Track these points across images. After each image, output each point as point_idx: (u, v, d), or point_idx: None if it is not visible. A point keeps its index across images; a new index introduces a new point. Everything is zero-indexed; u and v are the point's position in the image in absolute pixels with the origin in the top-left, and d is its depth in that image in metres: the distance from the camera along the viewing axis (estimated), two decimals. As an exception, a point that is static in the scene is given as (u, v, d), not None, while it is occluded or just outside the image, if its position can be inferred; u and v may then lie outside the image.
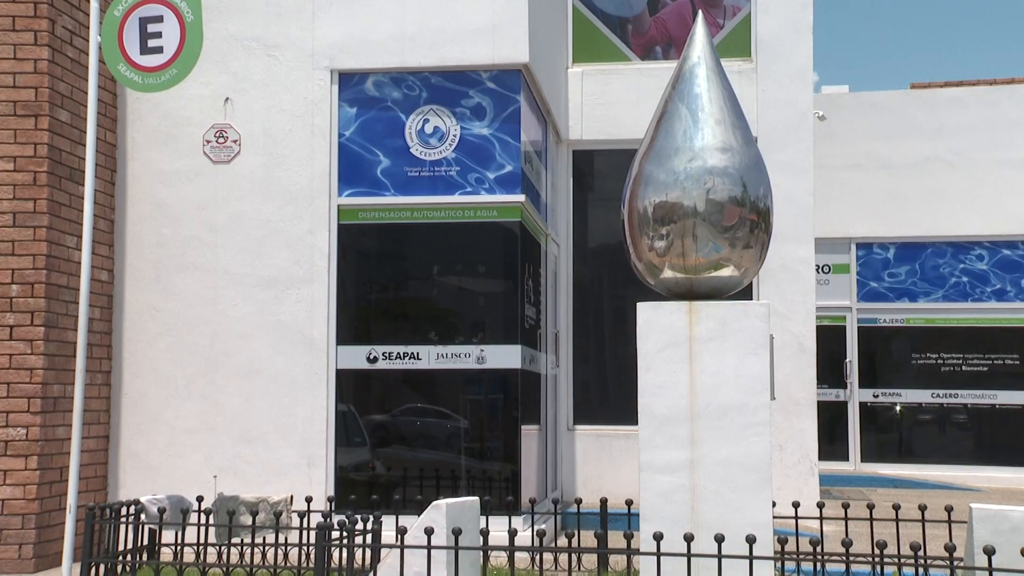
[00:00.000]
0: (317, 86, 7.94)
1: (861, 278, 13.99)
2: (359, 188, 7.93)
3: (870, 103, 13.85)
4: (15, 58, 7.13)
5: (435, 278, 8.00)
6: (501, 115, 7.87)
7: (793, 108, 9.60)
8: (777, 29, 9.71)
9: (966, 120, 13.55)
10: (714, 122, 5.03)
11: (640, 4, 10.04)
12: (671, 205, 4.89)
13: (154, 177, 8.02)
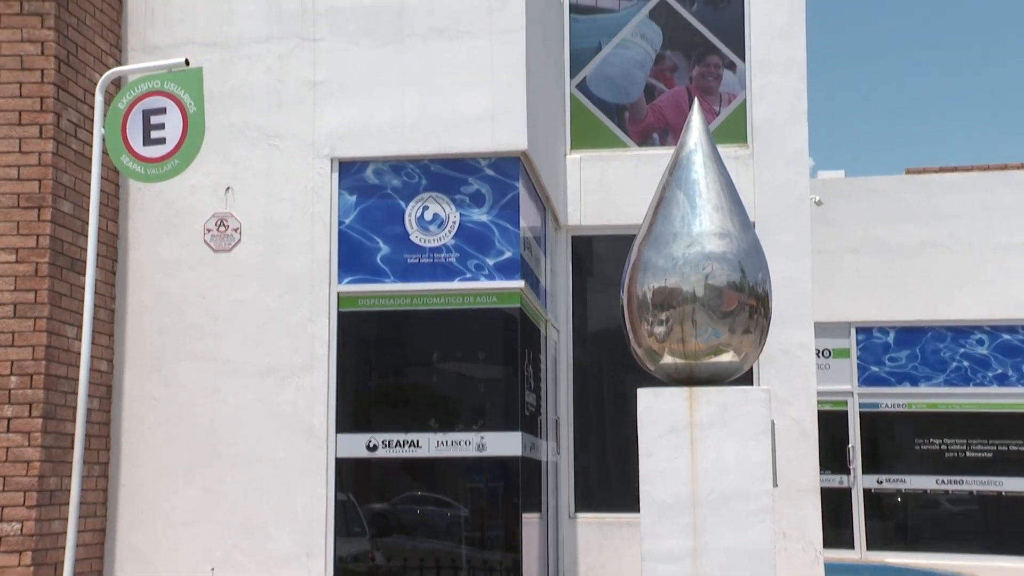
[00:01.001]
0: (317, 174, 8.00)
1: (862, 362, 13.97)
2: (359, 275, 7.95)
3: (866, 188, 13.97)
4: (20, 151, 7.20)
5: (435, 365, 7.98)
6: (500, 202, 7.93)
7: (790, 193, 9.67)
8: (772, 115, 9.82)
9: (962, 205, 13.65)
10: (712, 208, 5.07)
11: (637, 91, 10.17)
12: (670, 291, 4.91)
13: (155, 266, 8.05)
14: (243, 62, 8.12)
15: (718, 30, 10.09)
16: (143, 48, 8.12)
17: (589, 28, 10.24)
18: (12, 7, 7.26)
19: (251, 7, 8.13)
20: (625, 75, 10.18)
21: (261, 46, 8.11)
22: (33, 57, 7.24)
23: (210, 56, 8.03)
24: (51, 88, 7.22)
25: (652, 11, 10.18)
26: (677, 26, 10.14)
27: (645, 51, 10.17)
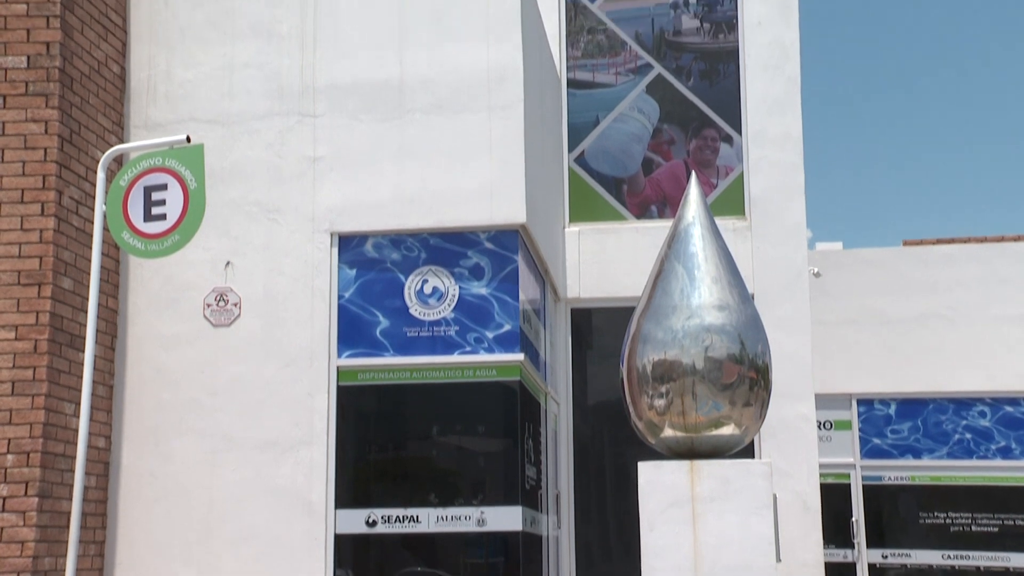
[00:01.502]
0: (317, 249, 8.03)
1: (863, 435, 13.89)
2: (358, 349, 7.94)
3: (864, 260, 14.01)
4: (21, 228, 7.23)
5: (434, 438, 7.94)
6: (499, 275, 7.95)
7: (788, 265, 9.70)
8: (770, 188, 9.89)
9: (960, 277, 13.68)
10: (711, 280, 5.08)
11: (635, 165, 10.25)
12: (670, 363, 4.90)
13: (154, 341, 8.04)
14: (244, 138, 8.19)
15: (714, 104, 10.20)
16: (145, 125, 8.20)
17: (587, 103, 10.36)
18: (18, 88, 7.34)
19: (252, 84, 8.23)
20: (623, 149, 10.26)
21: (262, 122, 8.19)
22: (37, 136, 7.30)
23: (211, 132, 8.11)
24: (53, 166, 7.28)
25: (649, 86, 10.29)
26: (674, 100, 10.26)
27: (642, 125, 10.27)
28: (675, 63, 10.31)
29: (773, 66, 10.05)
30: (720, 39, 10.28)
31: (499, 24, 8.09)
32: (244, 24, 8.27)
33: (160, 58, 8.26)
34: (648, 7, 10.41)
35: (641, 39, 10.35)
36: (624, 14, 10.42)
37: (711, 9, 10.33)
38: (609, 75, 10.37)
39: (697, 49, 10.31)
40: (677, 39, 10.34)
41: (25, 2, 7.37)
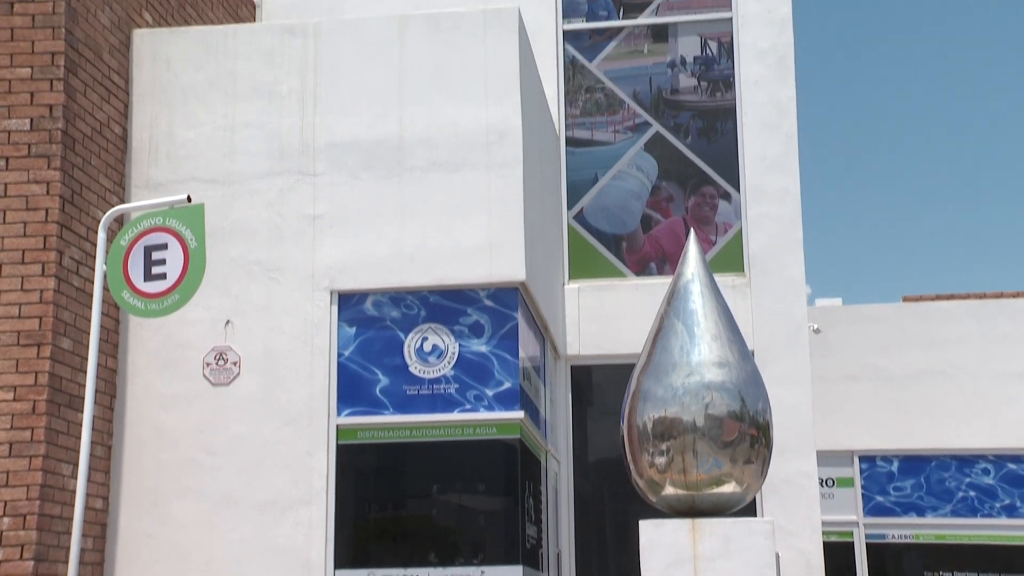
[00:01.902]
0: (317, 307, 8.03)
1: (866, 492, 13.80)
2: (358, 407, 7.92)
3: (864, 316, 14.02)
4: (22, 289, 7.23)
5: (434, 497, 7.89)
6: (499, 332, 7.94)
7: (788, 322, 9.70)
8: (768, 245, 9.91)
9: (960, 333, 13.68)
10: (710, 337, 5.08)
11: (634, 222, 10.29)
12: (670, 421, 4.89)
13: (153, 401, 8.02)
14: (244, 197, 8.23)
15: (713, 162, 10.26)
16: (147, 185, 8.24)
17: (585, 160, 10.42)
18: (20, 150, 7.37)
19: (253, 144, 8.28)
20: (622, 206, 10.31)
21: (262, 182, 8.23)
22: (38, 197, 7.33)
23: (212, 192, 8.15)
24: (55, 227, 7.30)
25: (647, 143, 10.36)
26: (672, 158, 10.32)
27: (641, 182, 10.33)
28: (673, 121, 10.38)
29: (771, 124, 10.12)
30: (717, 97, 10.37)
31: (498, 83, 8.16)
32: (245, 85, 8.34)
33: (162, 118, 8.32)
34: (646, 66, 10.51)
35: (639, 98, 10.44)
36: (622, 73, 10.52)
37: (708, 68, 10.43)
38: (608, 133, 10.45)
39: (695, 107, 10.39)
40: (675, 98, 10.42)
41: (29, 65, 7.44)
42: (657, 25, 10.55)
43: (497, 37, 8.22)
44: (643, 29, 10.56)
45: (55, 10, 7.45)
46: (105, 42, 7.99)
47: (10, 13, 7.47)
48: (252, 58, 8.37)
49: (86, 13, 7.72)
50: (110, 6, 8.05)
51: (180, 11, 9.12)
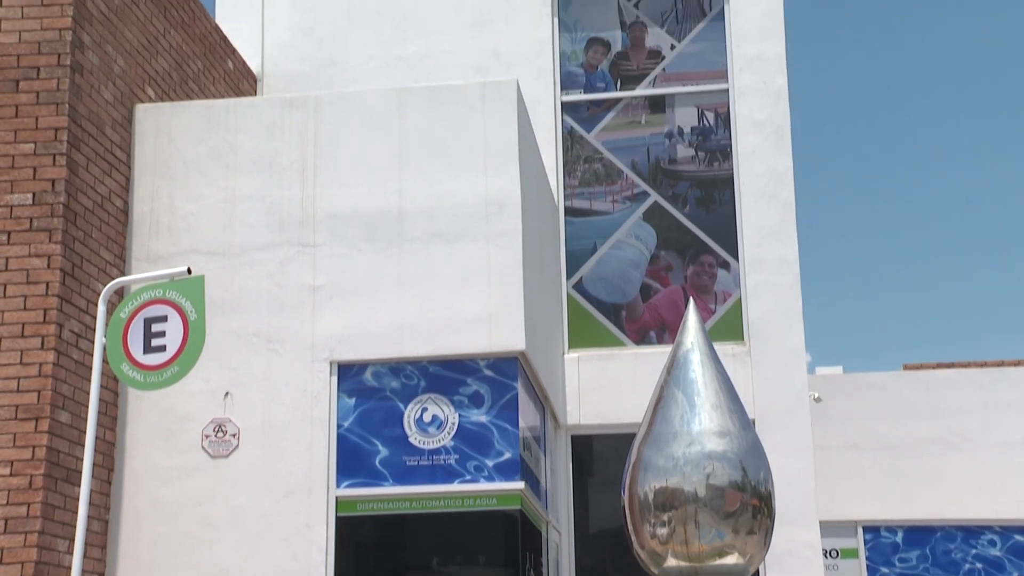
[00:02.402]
0: (317, 378, 8.02)
1: (871, 563, 13.65)
2: (358, 479, 7.87)
3: (865, 384, 13.98)
4: (21, 363, 7.22)
5: (435, 569, 7.80)
6: (499, 402, 7.92)
7: (789, 390, 9.68)
8: (768, 313, 9.92)
9: (961, 401, 13.64)
10: (711, 407, 5.06)
11: (633, 291, 10.31)
12: (671, 491, 4.85)
13: (151, 474, 7.97)
14: (245, 269, 8.25)
15: (711, 231, 10.31)
16: (147, 258, 8.27)
17: (584, 230, 10.47)
18: (22, 224, 7.41)
19: (253, 216, 8.32)
20: (621, 275, 10.34)
21: (262, 253, 8.26)
22: (39, 271, 7.35)
23: (212, 264, 8.18)
24: (55, 300, 7.31)
25: (646, 213, 10.42)
26: (671, 227, 10.37)
27: (640, 251, 10.36)
28: (671, 191, 10.45)
29: (768, 194, 10.19)
30: (715, 167, 10.45)
31: (497, 154, 8.22)
32: (246, 157, 8.41)
33: (163, 191, 8.38)
34: (643, 137, 10.61)
35: (637, 168, 10.52)
36: (620, 143, 10.61)
37: (705, 138, 10.52)
38: (606, 203, 10.51)
39: (693, 177, 10.47)
40: (673, 167, 10.50)
41: (33, 141, 7.50)
42: (654, 96, 10.66)
43: (496, 109, 8.31)
44: (640, 100, 10.67)
45: (59, 87, 7.54)
46: (108, 117, 8.07)
47: (15, 91, 7.56)
48: (253, 131, 8.44)
49: (90, 89, 7.81)
50: (113, 82, 8.14)
51: (183, 86, 9.22)
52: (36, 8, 7.61)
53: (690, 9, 10.78)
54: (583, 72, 10.78)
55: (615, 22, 10.83)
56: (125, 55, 8.31)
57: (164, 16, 8.96)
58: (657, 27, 10.75)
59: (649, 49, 10.74)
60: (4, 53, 7.57)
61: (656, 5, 10.83)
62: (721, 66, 10.59)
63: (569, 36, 10.85)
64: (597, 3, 10.87)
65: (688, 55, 10.69)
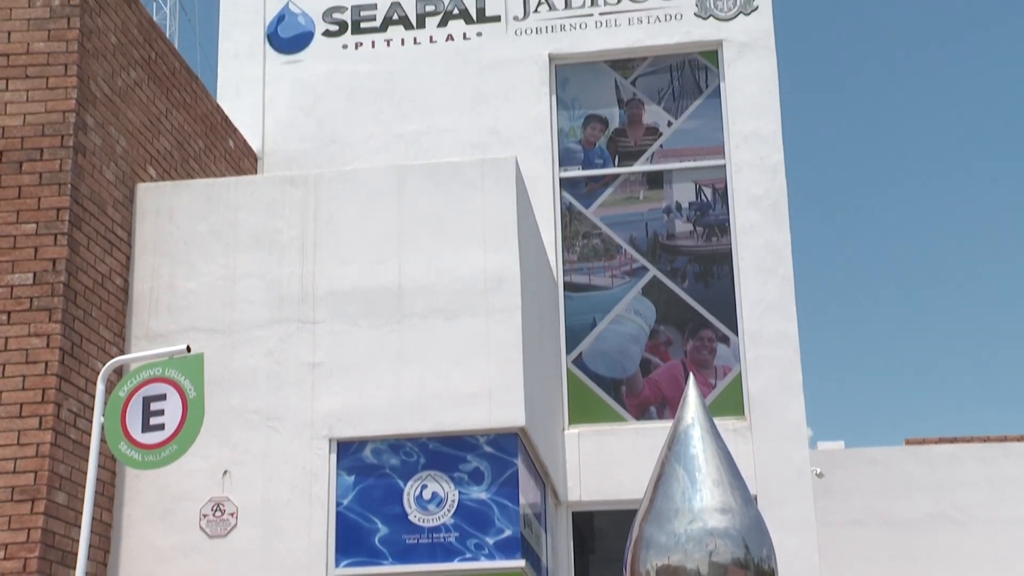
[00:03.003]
0: (316, 455, 7.97)
1: (876, 640, 13.46)
2: (357, 557, 7.78)
3: (867, 459, 13.89)
4: (18, 443, 7.17)
5: (435, 651, 7.69)
6: (499, 479, 7.87)
7: (790, 465, 9.62)
8: (768, 388, 9.90)
9: (965, 477, 13.53)
10: (712, 483, 5.04)
11: (632, 366, 10.30)
12: (674, 569, 4.81)
13: (148, 554, 7.88)
14: (244, 346, 8.25)
15: (710, 305, 10.33)
16: (147, 336, 8.26)
17: (584, 305, 10.49)
18: (22, 304, 7.41)
19: (253, 294, 8.34)
20: (620, 350, 10.33)
21: (262, 330, 8.26)
22: (38, 350, 7.33)
23: (212, 341, 8.17)
24: (54, 379, 7.29)
25: (645, 288, 10.45)
26: (670, 302, 10.39)
27: (639, 326, 10.37)
28: (670, 266, 10.49)
29: (767, 268, 10.23)
30: (713, 242, 10.50)
31: (496, 231, 8.27)
32: (246, 235, 8.45)
33: (163, 269, 8.40)
34: (641, 212, 10.67)
35: (636, 243, 10.57)
36: (618, 219, 10.67)
37: (703, 214, 10.59)
38: (605, 278, 10.54)
39: (691, 252, 10.51)
40: (671, 243, 10.55)
41: (34, 221, 7.54)
42: (652, 172, 10.75)
43: (495, 186, 8.37)
44: (638, 176, 10.76)
45: (62, 167, 7.59)
46: (110, 196, 8.13)
47: (18, 172, 7.61)
48: (253, 209, 8.50)
49: (92, 169, 7.87)
50: (115, 162, 8.21)
51: (184, 164, 9.30)
52: (41, 91, 7.70)
53: (686, 87, 10.92)
54: (581, 148, 10.88)
55: (612, 99, 10.96)
56: (127, 135, 8.39)
57: (167, 97, 9.07)
58: (654, 104, 10.88)
59: (646, 126, 10.85)
60: (8, 136, 7.64)
61: (653, 83, 10.97)
62: (718, 142, 10.69)
63: (567, 113, 10.97)
64: (594, 81, 11.01)
65: (685, 131, 10.81)
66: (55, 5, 7.80)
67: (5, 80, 7.71)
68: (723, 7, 10.86)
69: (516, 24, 11.11)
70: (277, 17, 11.47)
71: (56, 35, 7.76)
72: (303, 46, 11.37)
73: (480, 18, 11.19)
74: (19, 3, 7.83)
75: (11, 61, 7.73)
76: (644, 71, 11.00)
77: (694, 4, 10.93)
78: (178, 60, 9.36)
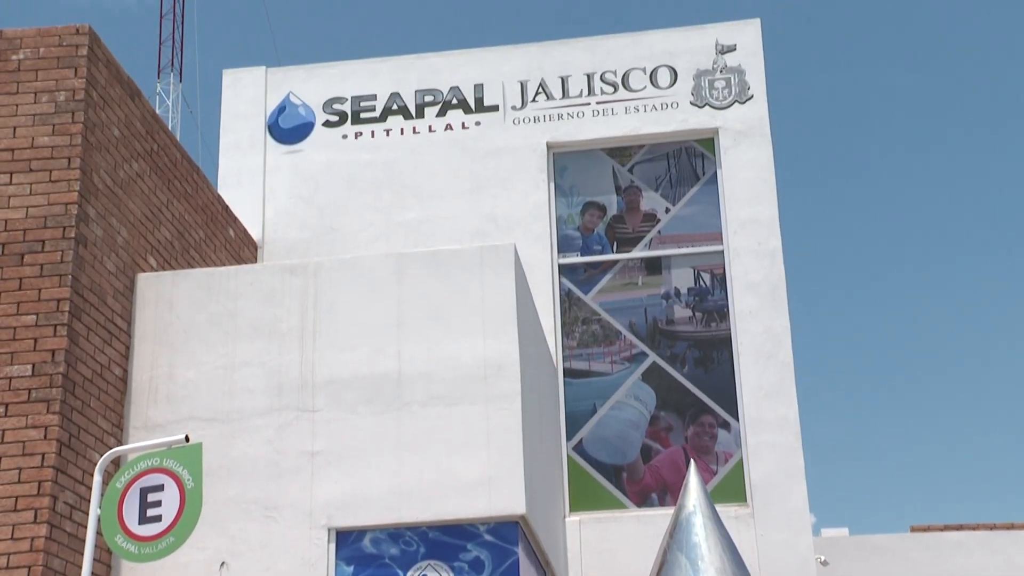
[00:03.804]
0: (314, 545, 7.89)
1: None
2: (356, 652, 7.66)
3: (871, 546, 13.72)
4: (12, 538, 7.05)
5: None
6: (500, 568, 7.78)
7: (794, 553, 9.52)
8: (770, 474, 9.84)
9: (971, 565, 13.34)
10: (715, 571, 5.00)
11: (633, 453, 10.25)
12: (677, 662, 4.74)
13: (144, 648, 7.76)
14: (243, 435, 8.21)
15: (710, 391, 10.31)
16: (145, 426, 8.23)
17: (584, 391, 10.47)
18: (20, 396, 7.38)
19: (252, 382, 8.33)
20: (621, 436, 10.29)
21: (261, 419, 8.23)
22: (35, 442, 7.27)
23: (211, 430, 8.14)
24: (50, 472, 7.23)
25: (644, 373, 10.44)
26: (670, 388, 10.37)
27: (640, 412, 10.35)
28: (669, 351, 10.50)
29: (766, 354, 10.23)
30: (712, 327, 10.52)
31: (496, 317, 8.28)
32: (246, 323, 8.46)
33: (163, 359, 8.40)
34: (640, 298, 10.71)
35: (635, 328, 10.58)
36: (617, 305, 10.70)
37: (702, 299, 10.62)
38: (605, 364, 10.54)
39: (690, 337, 10.53)
40: (670, 328, 10.57)
41: (34, 313, 7.54)
42: (650, 258, 10.81)
43: (494, 273, 8.41)
44: (637, 262, 10.82)
45: (63, 259, 7.63)
46: (110, 287, 8.16)
47: (20, 264, 7.64)
48: (253, 298, 8.52)
49: (92, 260, 7.92)
50: (116, 252, 8.26)
51: (184, 254, 9.36)
52: (44, 184, 7.76)
53: (684, 173, 11.03)
54: (580, 235, 10.95)
55: (610, 187, 11.06)
56: (128, 226, 8.46)
57: (168, 188, 9.16)
58: (652, 191, 10.98)
59: (644, 212, 10.94)
60: (11, 228, 7.68)
61: (650, 170, 11.08)
62: (716, 228, 10.77)
63: (565, 200, 11.07)
64: (592, 169, 11.13)
65: (683, 218, 10.89)
66: (60, 100, 7.91)
67: (9, 174, 7.78)
68: (718, 96, 11.02)
69: (514, 113, 11.26)
70: (278, 108, 11.63)
71: (60, 129, 7.86)
72: (303, 136, 11.51)
73: (479, 108, 11.35)
74: (25, 99, 7.95)
75: (15, 155, 7.82)
76: (641, 158, 11.12)
77: (690, 93, 11.09)
78: (180, 151, 9.47)
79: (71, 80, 7.94)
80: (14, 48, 8.03)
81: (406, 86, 11.53)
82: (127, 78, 8.62)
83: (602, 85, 11.23)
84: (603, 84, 11.24)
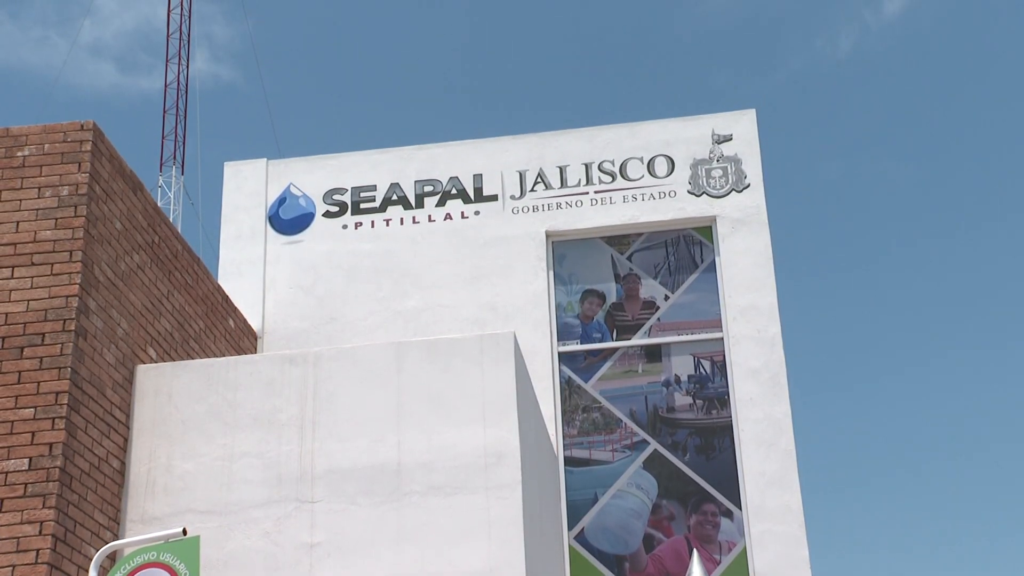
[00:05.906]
0: (313, 642, 7.77)
1: None
2: None
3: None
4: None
5: None
6: (502, 663, 7.65)
7: (800, 643, 9.37)
8: (774, 563, 9.72)
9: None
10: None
11: (635, 542, 10.13)
12: None
13: None
14: (241, 527, 8.13)
15: (712, 479, 10.23)
16: (142, 519, 8.16)
17: (585, 480, 10.39)
18: (16, 491, 7.25)
19: (251, 473, 8.27)
20: (623, 525, 10.19)
21: (260, 510, 8.16)
22: (30, 538, 7.18)
23: (208, 523, 8.06)
24: (44, 568, 7.11)
25: (646, 461, 10.37)
26: (672, 475, 10.30)
27: (641, 501, 10.26)
28: (670, 439, 10.44)
29: (768, 441, 10.18)
30: (713, 415, 10.47)
31: (496, 406, 8.26)
32: (245, 414, 8.44)
33: (161, 451, 8.35)
34: (641, 386, 10.69)
35: (636, 416, 10.54)
36: (618, 392, 10.67)
37: (703, 387, 10.60)
38: (606, 452, 10.48)
39: (691, 425, 10.48)
40: (671, 415, 10.53)
41: (33, 406, 7.51)
42: (650, 346, 10.81)
43: (494, 361, 8.40)
44: (637, 349, 10.82)
45: (62, 351, 7.62)
46: (109, 379, 8.14)
47: (19, 357, 7.63)
48: (252, 388, 8.51)
49: (92, 352, 7.91)
50: (116, 344, 8.26)
51: (184, 345, 9.36)
52: (45, 278, 7.79)
53: (682, 261, 11.08)
54: (579, 323, 10.97)
55: (609, 275, 11.11)
56: (128, 318, 8.47)
57: (168, 279, 9.19)
58: (650, 279, 11.02)
59: (643, 300, 10.97)
60: (11, 322, 7.68)
61: (649, 258, 11.14)
62: (715, 315, 10.79)
63: (564, 288, 11.11)
64: (591, 257, 11.19)
65: (682, 305, 10.92)
66: (63, 194, 7.98)
67: (11, 268, 7.81)
68: (716, 184, 11.13)
69: (513, 203, 11.35)
70: (279, 199, 11.74)
71: (63, 223, 7.91)
72: (304, 227, 11.60)
73: (478, 197, 11.45)
74: (29, 194, 8.01)
75: (18, 249, 7.86)
76: (640, 246, 11.19)
77: (687, 182, 11.19)
78: (180, 243, 9.52)
79: (75, 175, 8.02)
80: (20, 145, 8.13)
81: (405, 176, 11.65)
82: (130, 172, 8.71)
83: (600, 174, 11.35)
84: (601, 173, 11.35)
